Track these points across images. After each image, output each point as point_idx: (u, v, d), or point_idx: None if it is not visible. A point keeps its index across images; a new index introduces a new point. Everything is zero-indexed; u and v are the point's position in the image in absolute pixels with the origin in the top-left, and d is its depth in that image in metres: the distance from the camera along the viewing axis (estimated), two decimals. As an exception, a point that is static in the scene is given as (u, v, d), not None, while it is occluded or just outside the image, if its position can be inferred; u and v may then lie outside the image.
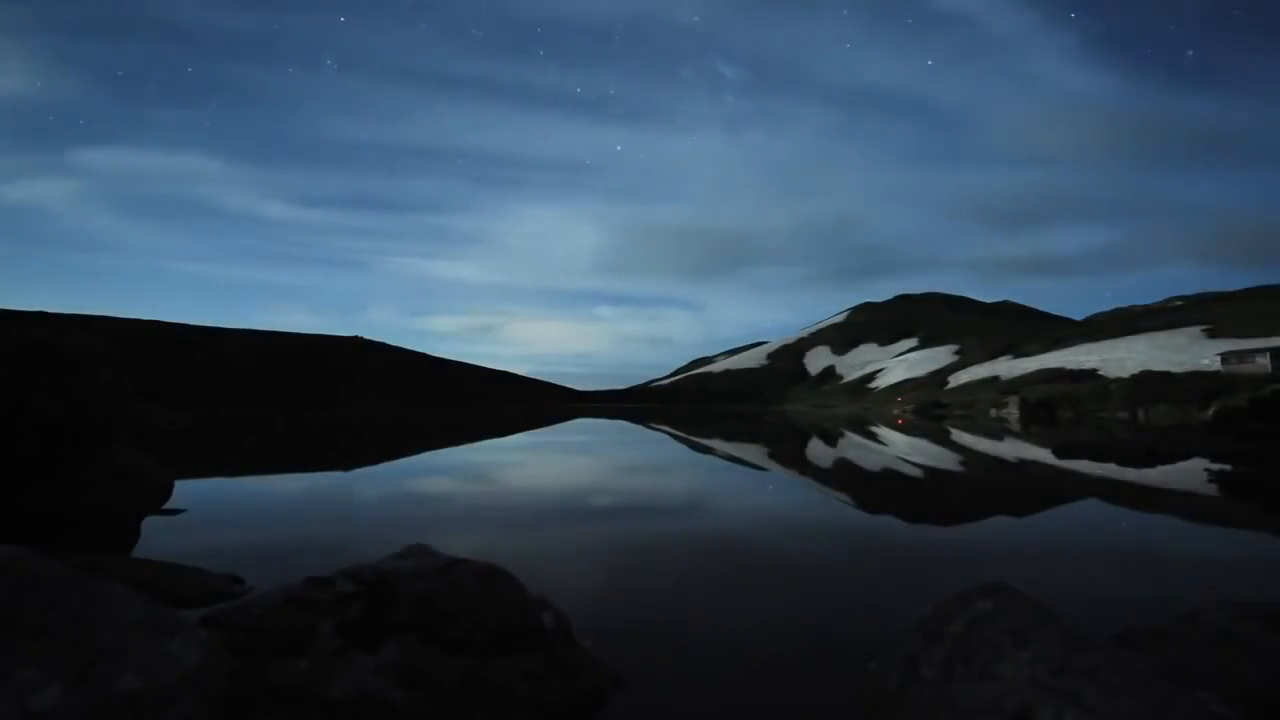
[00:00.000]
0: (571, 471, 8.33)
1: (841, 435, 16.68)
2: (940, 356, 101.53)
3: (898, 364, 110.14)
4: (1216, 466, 8.06)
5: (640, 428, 20.87)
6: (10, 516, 3.73)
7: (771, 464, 9.46)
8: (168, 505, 4.86)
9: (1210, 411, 18.20)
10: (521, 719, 1.65)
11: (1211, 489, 6.29)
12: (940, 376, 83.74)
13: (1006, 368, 69.61)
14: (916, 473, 8.28)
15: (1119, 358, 55.78)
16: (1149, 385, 31.31)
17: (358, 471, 8.79)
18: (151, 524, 4.33)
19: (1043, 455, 10.47)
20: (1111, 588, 2.93)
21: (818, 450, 12.05)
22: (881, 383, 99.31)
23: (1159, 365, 43.37)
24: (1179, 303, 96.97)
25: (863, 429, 20.03)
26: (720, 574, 3.17)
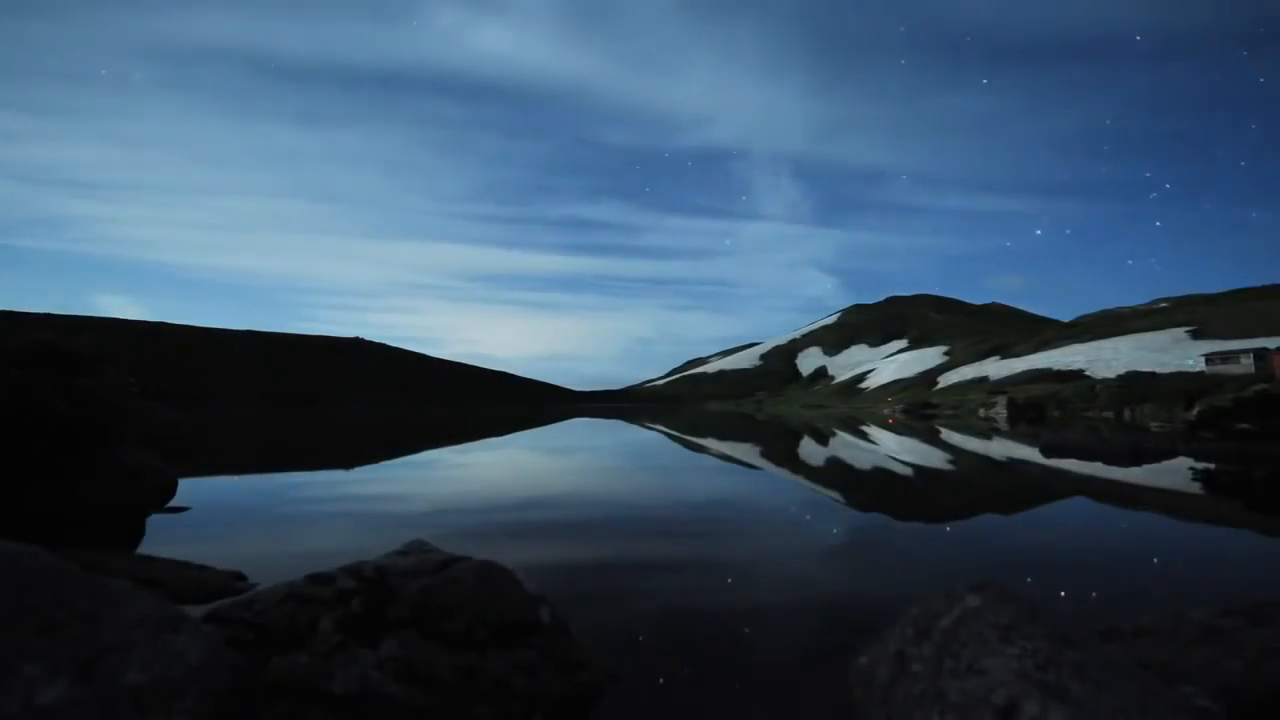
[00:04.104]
0: (569, 470, 8.34)
1: (833, 434, 16.77)
2: (930, 357, 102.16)
3: (888, 364, 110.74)
4: (1201, 465, 8.19)
5: (635, 427, 20.92)
6: (17, 514, 3.72)
7: (763, 463, 9.51)
8: (172, 503, 4.87)
9: (1195, 411, 18.44)
10: (520, 713, 1.67)
11: (1195, 487, 6.39)
12: (930, 377, 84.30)
13: (995, 368, 70.16)
14: (906, 471, 8.35)
15: (1105, 358, 56.37)
16: (1135, 385, 31.64)
17: (358, 470, 8.76)
18: (156, 521, 4.34)
19: (1030, 454, 10.58)
20: (1097, 584, 2.99)
21: (809, 450, 12.11)
22: (872, 383, 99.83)
23: (1145, 366, 43.88)
24: (1164, 304, 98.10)
25: (854, 428, 20.15)
26: (714, 571, 3.20)
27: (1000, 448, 12.19)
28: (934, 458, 10.35)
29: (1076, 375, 51.24)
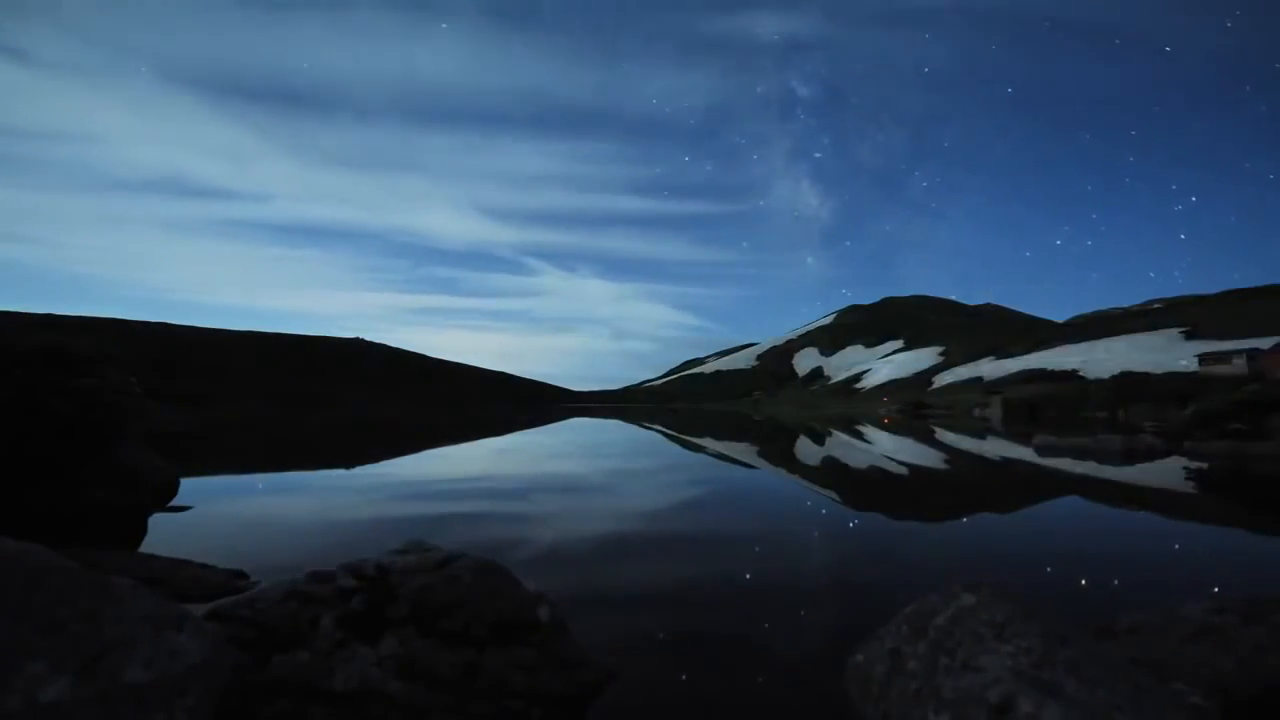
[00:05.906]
0: (568, 471, 8.34)
1: (829, 434, 16.80)
2: (925, 358, 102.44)
3: (884, 365, 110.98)
4: (1193, 465, 8.24)
5: (634, 427, 20.93)
6: (21, 513, 3.71)
7: (760, 463, 9.52)
8: (174, 502, 4.87)
9: (1188, 411, 18.50)
10: (518, 710, 1.68)
11: (1188, 487, 6.43)
12: (925, 377, 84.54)
13: (990, 369, 70.38)
14: (901, 471, 8.38)
15: (1100, 359, 56.63)
16: (1129, 386, 31.78)
17: (358, 469, 8.74)
18: (158, 520, 4.34)
19: (1025, 454, 10.62)
20: (1091, 582, 3.01)
21: (805, 449, 12.14)
22: (868, 383, 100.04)
23: (1139, 366, 44.10)
24: (1158, 305, 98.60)
25: (849, 428, 20.19)
26: (711, 570, 3.21)
27: (995, 447, 12.24)
28: (929, 457, 10.39)
29: (1071, 376, 51.43)
